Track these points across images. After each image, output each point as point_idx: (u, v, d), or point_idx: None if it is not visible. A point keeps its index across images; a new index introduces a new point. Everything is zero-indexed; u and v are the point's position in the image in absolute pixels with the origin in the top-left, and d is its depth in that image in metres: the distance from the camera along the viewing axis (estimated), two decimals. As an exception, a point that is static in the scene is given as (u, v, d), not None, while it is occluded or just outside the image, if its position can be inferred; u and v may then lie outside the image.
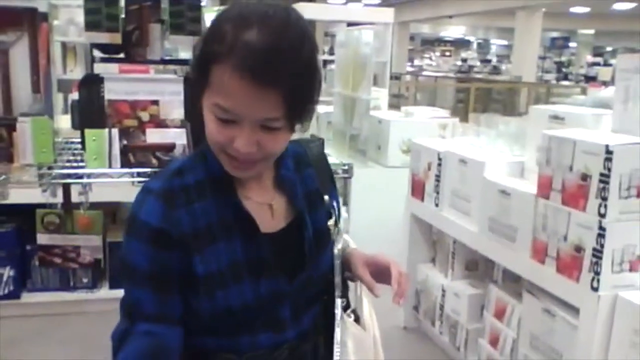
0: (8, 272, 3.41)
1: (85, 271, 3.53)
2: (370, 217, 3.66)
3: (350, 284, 1.29)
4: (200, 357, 1.10)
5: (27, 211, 2.66)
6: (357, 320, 1.25)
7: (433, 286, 3.31)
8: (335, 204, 1.23)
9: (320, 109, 5.04)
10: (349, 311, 1.23)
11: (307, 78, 0.97)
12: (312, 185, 1.18)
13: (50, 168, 2.03)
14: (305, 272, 1.13)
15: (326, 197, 1.19)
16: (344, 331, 1.19)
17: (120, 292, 1.04)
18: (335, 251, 1.19)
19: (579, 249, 2.17)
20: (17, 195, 2.21)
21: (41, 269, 3.48)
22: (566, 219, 2.23)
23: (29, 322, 3.37)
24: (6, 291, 3.42)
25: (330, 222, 1.19)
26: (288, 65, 0.92)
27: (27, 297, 3.48)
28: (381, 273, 1.22)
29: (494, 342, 2.80)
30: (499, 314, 2.78)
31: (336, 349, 1.15)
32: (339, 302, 1.19)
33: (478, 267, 3.19)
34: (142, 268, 1.00)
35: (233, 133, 0.96)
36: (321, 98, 1.11)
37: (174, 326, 1.02)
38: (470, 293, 3.03)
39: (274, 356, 1.09)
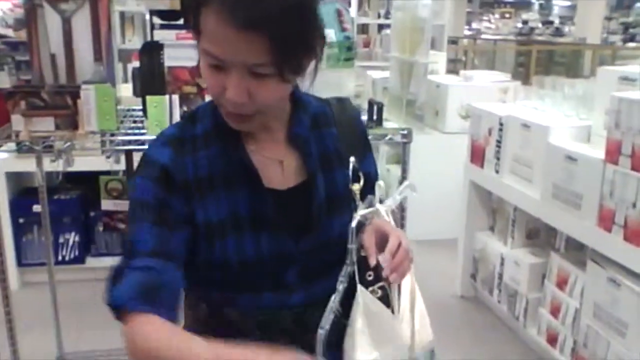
0: (73, 237, 3.54)
1: (147, 236, 3.62)
2: (428, 184, 3.60)
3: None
4: (207, 312, 1.09)
5: (90, 179, 2.73)
6: (384, 299, 1.13)
7: (492, 254, 3.26)
8: (368, 169, 1.16)
9: (376, 74, 4.96)
10: (375, 287, 1.12)
11: (297, 23, 0.91)
12: (331, 146, 1.13)
13: (113, 135, 2.07)
14: (313, 235, 1.07)
15: (351, 160, 1.13)
16: (357, 305, 1.10)
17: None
18: (356, 218, 1.09)
19: (649, 216, 2.09)
20: (81, 163, 2.26)
21: (105, 234, 3.59)
22: (636, 185, 2.14)
23: (92, 286, 3.48)
24: (72, 256, 3.56)
25: (355, 187, 1.13)
26: (273, 8, 0.87)
27: (91, 262, 3.62)
28: (385, 243, 1.09)
29: (555, 311, 2.74)
30: (561, 284, 2.72)
31: (327, 314, 1.05)
32: (348, 270, 1.09)
33: (539, 236, 3.12)
34: (145, 202, 1.00)
35: (224, 81, 0.94)
36: (377, 63, 1.05)
37: (172, 264, 0.98)
38: (531, 262, 2.97)
39: (277, 318, 1.06)
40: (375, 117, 2.32)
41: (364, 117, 2.29)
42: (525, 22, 20.41)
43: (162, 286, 0.95)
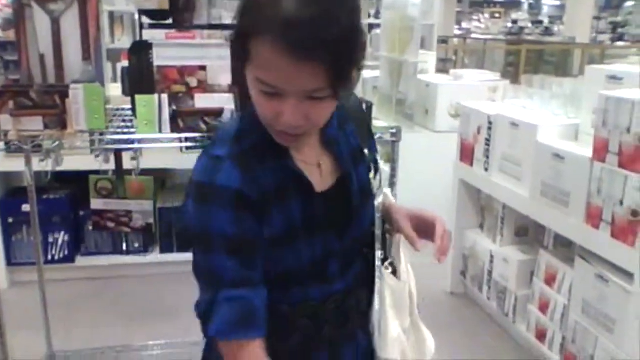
0: (63, 237, 3.53)
1: (137, 236, 3.62)
2: (418, 183, 3.62)
3: (388, 237, 1.30)
4: None
5: (80, 178, 2.72)
6: (395, 272, 1.26)
7: (481, 252, 3.28)
8: (375, 156, 1.24)
9: (366, 73, 4.95)
10: (386, 263, 1.24)
11: (350, 43, 0.92)
12: (355, 142, 1.17)
13: (102, 134, 2.06)
14: (352, 229, 1.14)
15: (366, 151, 1.19)
16: (383, 283, 1.21)
17: (171, 257, 1.05)
18: (376, 204, 1.20)
19: (635, 213, 2.11)
20: (71, 163, 2.25)
21: (94, 233, 3.58)
22: (623, 183, 2.16)
23: (82, 285, 3.49)
24: (61, 255, 3.55)
25: (371, 175, 1.20)
26: (328, 35, 0.87)
27: (81, 261, 3.60)
28: (424, 228, 1.23)
29: (543, 308, 2.76)
30: (550, 280, 2.74)
31: (376, 299, 1.19)
32: (379, 254, 1.21)
33: (528, 233, 3.14)
34: (224, 233, 0.99)
35: (279, 107, 0.94)
36: (367, 62, 1.08)
37: (258, 287, 1.02)
38: (520, 259, 2.99)
39: (324, 308, 1.12)
40: (364, 115, 2.33)
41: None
42: (514, 22, 20.49)
43: (256, 311, 1.01)
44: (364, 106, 2.33)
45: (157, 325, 3.01)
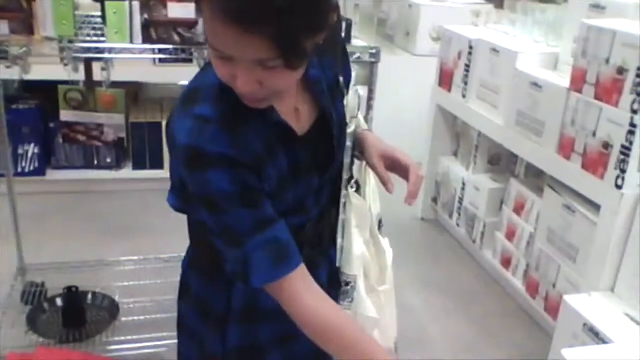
0: (32, 149, 3.47)
1: (109, 150, 3.58)
2: (395, 107, 3.61)
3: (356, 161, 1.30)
4: None
5: (49, 89, 2.64)
6: (358, 190, 1.27)
7: (454, 179, 3.31)
8: (349, 79, 1.21)
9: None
10: (352, 182, 1.24)
11: (300, 12, 0.81)
12: (331, 73, 1.12)
13: (71, 42, 1.99)
14: (333, 166, 1.14)
15: (341, 79, 1.15)
16: (347, 203, 1.22)
17: (144, 173, 1.02)
18: (349, 131, 1.18)
19: (606, 145, 2.12)
20: (40, 72, 2.17)
21: (65, 146, 3.53)
22: (597, 114, 2.16)
23: (53, 199, 3.46)
24: (31, 168, 3.50)
25: (345, 102, 1.17)
26: (270, 5, 0.79)
27: (52, 174, 3.57)
28: (397, 169, 1.24)
29: (510, 235, 2.82)
30: (518, 209, 2.78)
31: (340, 221, 1.22)
32: (345, 181, 1.21)
33: (500, 162, 3.17)
34: (227, 191, 0.95)
35: (233, 70, 0.89)
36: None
37: (277, 223, 1.00)
38: (491, 187, 3.02)
39: (302, 233, 1.11)
40: (344, 34, 2.27)
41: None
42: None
43: (286, 244, 1.00)
44: (343, 25, 2.28)
45: (130, 242, 3.01)
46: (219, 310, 1.15)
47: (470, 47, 3.01)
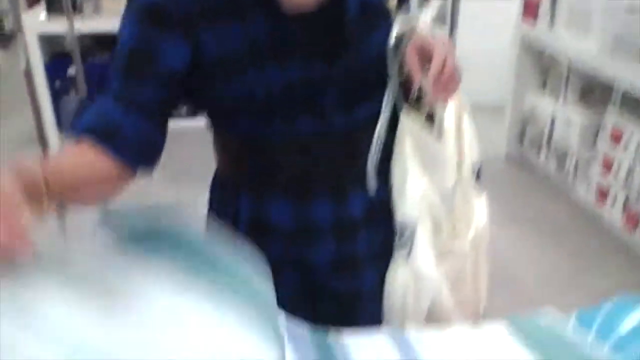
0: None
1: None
2: (476, 42, 3.45)
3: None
4: (239, 148, 1.03)
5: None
6: (430, 118, 1.05)
7: (542, 114, 3.15)
8: None
9: None
10: (412, 100, 1.01)
11: None
12: None
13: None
14: (349, 55, 0.97)
15: None
16: (403, 127, 1.02)
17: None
18: (393, 34, 0.97)
19: None
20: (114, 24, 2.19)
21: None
22: None
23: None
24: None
25: (392, 1, 1.02)
26: None
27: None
28: (430, 59, 0.95)
29: (606, 168, 2.66)
30: (615, 140, 2.62)
31: (375, 141, 1.00)
32: (390, 91, 1.00)
33: (593, 94, 2.98)
34: (124, 42, 0.91)
35: None
36: None
37: (135, 114, 0.90)
38: (584, 120, 2.86)
39: (319, 144, 0.99)
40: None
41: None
42: None
43: (120, 128, 0.88)
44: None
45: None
46: (228, 221, 1.05)
47: (559, -29, 2.83)
